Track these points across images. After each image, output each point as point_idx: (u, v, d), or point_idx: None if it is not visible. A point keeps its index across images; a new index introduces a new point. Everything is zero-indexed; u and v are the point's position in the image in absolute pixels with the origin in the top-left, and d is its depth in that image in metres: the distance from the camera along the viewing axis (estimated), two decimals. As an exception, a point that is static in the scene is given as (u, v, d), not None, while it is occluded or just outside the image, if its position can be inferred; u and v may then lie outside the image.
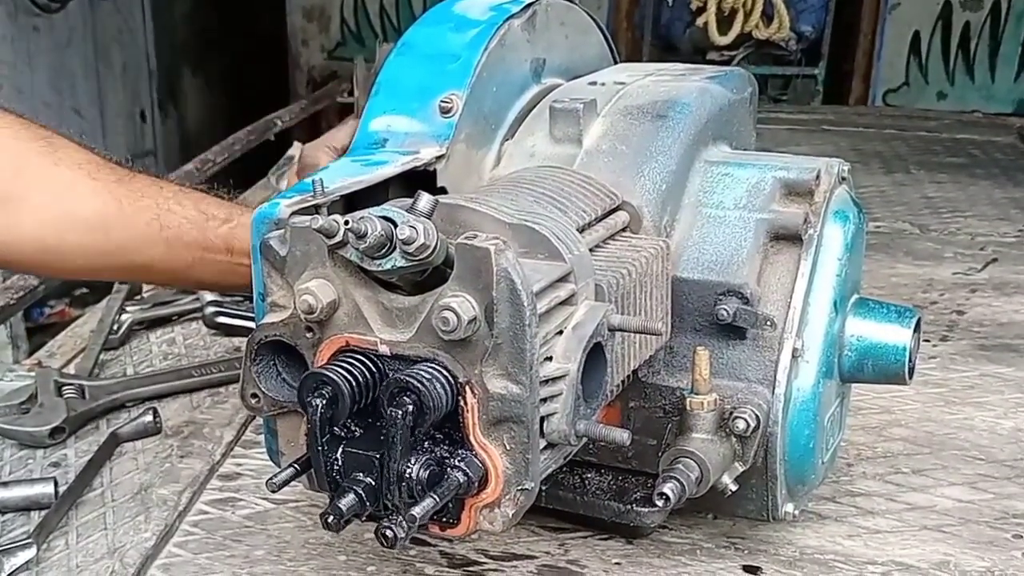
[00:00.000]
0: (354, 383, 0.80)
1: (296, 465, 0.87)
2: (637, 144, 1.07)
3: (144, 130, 6.07)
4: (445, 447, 0.82)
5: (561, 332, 0.84)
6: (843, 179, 1.12)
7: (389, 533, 0.78)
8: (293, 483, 0.88)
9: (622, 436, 0.84)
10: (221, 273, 1.24)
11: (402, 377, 0.78)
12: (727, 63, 4.81)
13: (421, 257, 0.77)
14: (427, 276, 0.81)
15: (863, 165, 2.78)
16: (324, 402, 0.79)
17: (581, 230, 0.95)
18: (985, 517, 1.23)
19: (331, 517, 0.81)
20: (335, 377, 0.79)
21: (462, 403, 0.80)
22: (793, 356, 1.03)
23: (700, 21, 5.15)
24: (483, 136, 1.12)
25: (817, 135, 3.16)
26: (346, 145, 1.23)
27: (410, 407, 0.77)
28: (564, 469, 1.07)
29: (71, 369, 1.62)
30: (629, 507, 1.05)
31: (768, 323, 1.02)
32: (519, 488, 0.82)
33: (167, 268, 1.22)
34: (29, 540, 1.15)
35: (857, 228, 1.10)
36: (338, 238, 0.78)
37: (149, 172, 1.28)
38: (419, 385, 0.77)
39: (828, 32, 5.34)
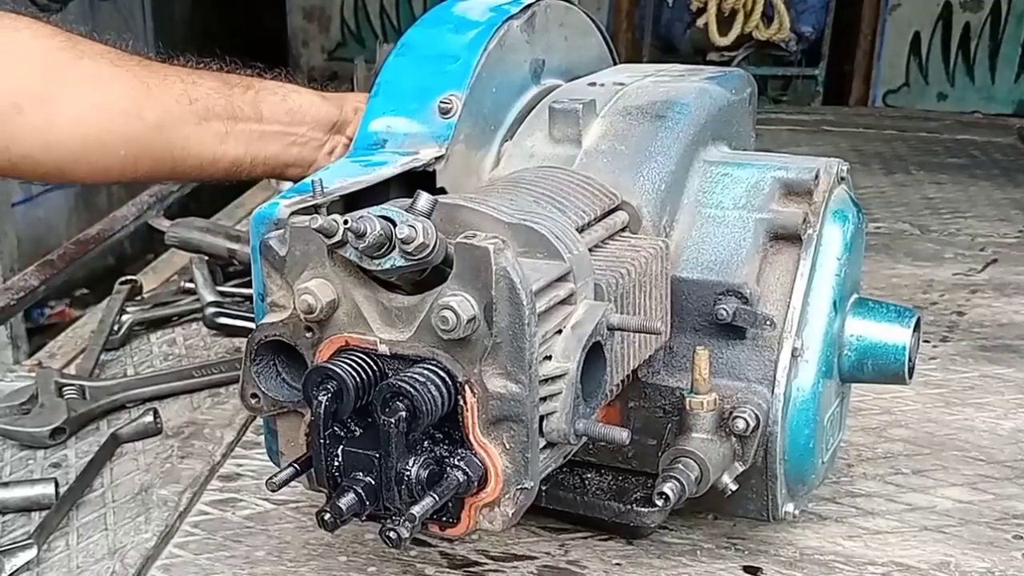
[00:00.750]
0: (359, 378, 0.80)
1: (296, 465, 0.87)
2: (636, 144, 1.07)
3: (144, 131, 6.06)
4: (445, 446, 0.82)
5: (560, 331, 0.84)
6: (842, 179, 1.12)
7: (393, 535, 0.79)
8: (293, 484, 0.88)
9: (622, 436, 0.84)
10: (255, 142, 1.21)
11: (395, 382, 0.78)
12: (727, 64, 4.81)
13: (420, 256, 0.77)
14: (426, 275, 0.81)
15: (863, 166, 2.78)
16: (329, 396, 0.79)
17: (580, 230, 0.95)
18: (985, 518, 1.23)
19: (328, 515, 0.81)
20: (340, 372, 0.79)
21: (461, 402, 0.80)
22: (793, 356, 1.03)
23: (700, 22, 5.15)
24: (482, 137, 1.12)
25: (817, 136, 3.16)
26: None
27: (403, 413, 0.77)
28: (564, 469, 1.08)
29: (72, 370, 1.62)
30: (629, 507, 1.05)
31: (767, 323, 1.02)
32: (519, 487, 0.82)
33: (203, 146, 1.19)
34: (30, 541, 1.16)
35: (856, 228, 1.10)
36: (337, 238, 0.78)
37: (164, 57, 1.26)
38: (411, 390, 0.77)
39: (828, 33, 5.35)
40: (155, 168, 1.19)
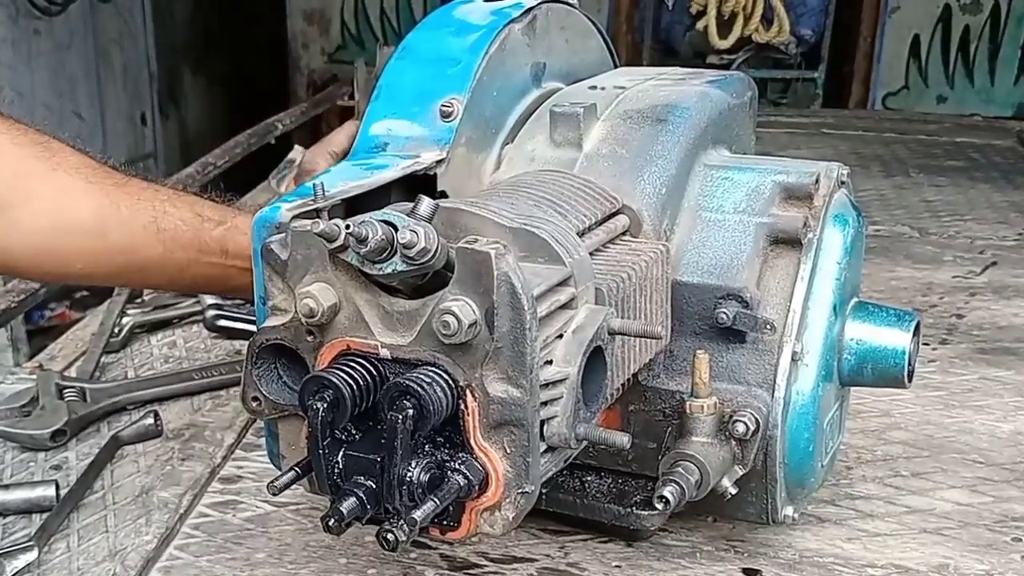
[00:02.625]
0: (355, 387, 0.80)
1: (297, 468, 0.87)
2: (637, 148, 1.07)
3: (144, 133, 6.08)
4: (446, 450, 0.82)
5: (561, 336, 0.84)
6: (842, 183, 1.12)
7: (390, 536, 0.79)
8: (294, 486, 0.88)
9: (622, 439, 0.85)
10: (215, 276, 1.25)
11: (402, 381, 0.78)
12: (727, 67, 4.82)
13: (422, 261, 0.77)
14: (428, 280, 0.81)
15: (863, 169, 2.78)
16: (325, 405, 0.79)
17: (581, 234, 0.95)
18: (984, 520, 1.23)
19: (332, 520, 0.81)
20: (336, 381, 0.80)
21: (463, 407, 0.80)
22: (792, 359, 1.03)
23: (700, 25, 5.15)
24: (483, 140, 1.12)
25: (817, 139, 3.16)
26: (346, 149, 1.23)
27: (410, 411, 0.77)
28: (564, 472, 1.08)
29: (72, 372, 1.62)
30: (629, 510, 1.06)
31: (767, 327, 1.02)
32: (519, 491, 0.82)
33: (163, 270, 1.22)
34: (30, 543, 1.16)
35: (856, 232, 1.10)
36: (339, 242, 0.78)
37: (144, 176, 1.28)
38: (419, 389, 0.77)
39: (828, 35, 5.35)
40: (110, 280, 1.22)
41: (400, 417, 0.77)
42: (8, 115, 1.18)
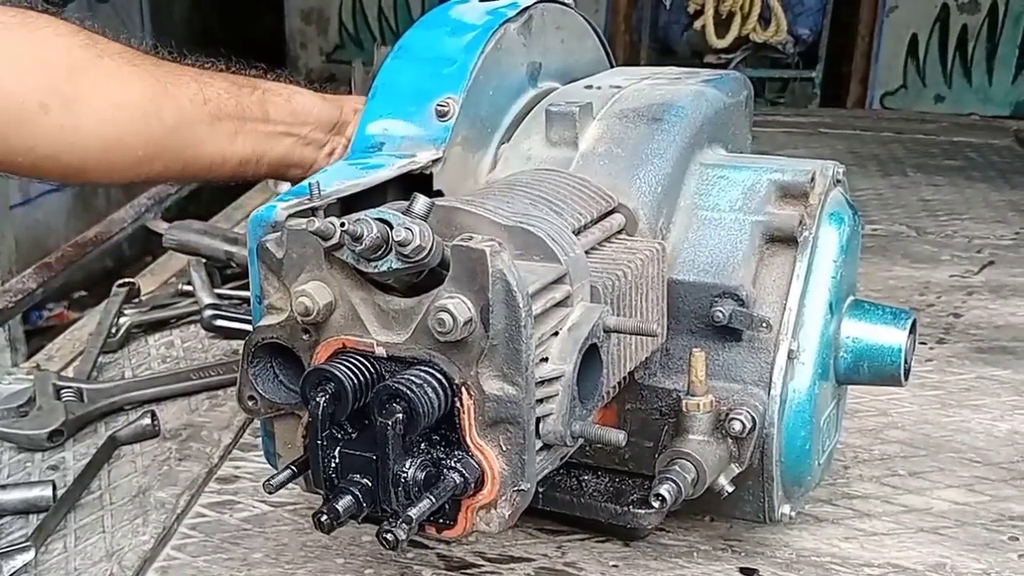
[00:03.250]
0: (356, 380, 0.80)
1: (293, 467, 0.87)
2: (633, 147, 1.07)
3: (143, 133, 6.07)
4: (441, 448, 0.82)
5: (557, 334, 0.84)
6: (838, 181, 1.12)
7: (391, 536, 0.79)
8: (290, 486, 0.88)
9: (618, 437, 0.85)
10: (263, 142, 1.22)
11: (391, 384, 0.78)
12: (725, 66, 4.82)
13: (417, 259, 0.77)
14: (423, 278, 0.81)
15: (860, 168, 2.78)
16: (327, 398, 0.79)
17: (577, 232, 0.95)
18: (981, 519, 1.23)
19: (325, 517, 0.81)
20: (339, 373, 0.80)
21: (458, 404, 0.80)
22: (789, 358, 1.03)
23: (697, 24, 5.15)
24: (479, 139, 1.12)
25: (814, 138, 3.16)
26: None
27: (400, 415, 0.77)
28: (561, 471, 1.08)
29: (69, 372, 1.62)
30: (626, 509, 1.06)
31: (764, 325, 1.02)
32: (515, 489, 0.82)
33: (214, 146, 1.20)
34: (27, 543, 1.16)
35: (852, 230, 1.10)
36: (334, 240, 0.78)
37: (174, 58, 1.27)
38: (409, 392, 0.77)
39: (825, 35, 5.35)
40: (167, 168, 1.19)
41: (390, 422, 0.77)
42: (42, 10, 1.16)
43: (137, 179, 1.21)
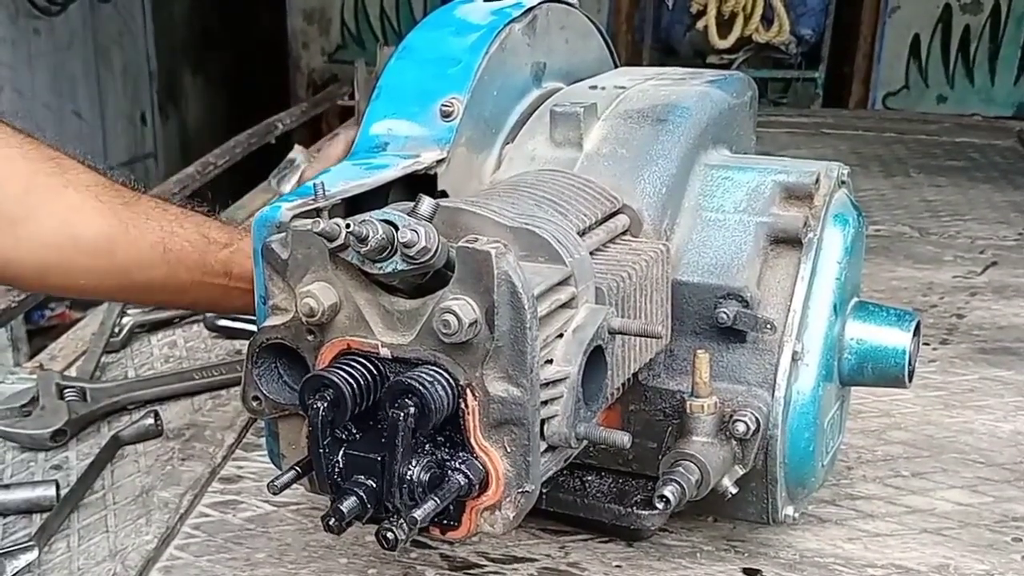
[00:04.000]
0: (355, 386, 0.80)
1: (297, 468, 0.87)
2: (637, 148, 1.07)
3: (144, 132, 6.08)
4: (446, 450, 0.82)
5: (562, 335, 0.84)
6: (843, 183, 1.12)
7: (390, 535, 0.79)
8: (294, 486, 0.88)
9: (622, 439, 0.85)
10: (218, 296, 1.25)
11: (404, 379, 0.78)
12: (727, 67, 4.82)
13: (422, 260, 0.77)
14: (428, 279, 0.81)
15: (863, 168, 2.78)
16: (326, 405, 0.79)
17: (581, 233, 0.95)
18: (985, 520, 1.23)
19: (332, 519, 0.81)
20: (336, 380, 0.80)
21: (463, 406, 0.80)
22: (793, 359, 1.03)
23: (700, 24, 5.15)
24: (484, 140, 1.12)
25: (817, 138, 3.16)
26: (342, 158, 1.23)
27: (412, 409, 0.77)
28: (564, 472, 1.08)
29: (72, 372, 1.62)
30: (629, 510, 1.06)
31: (768, 326, 1.02)
32: (520, 490, 0.82)
33: (166, 289, 1.23)
34: (31, 543, 1.16)
35: (857, 231, 1.10)
36: (339, 241, 0.78)
37: (154, 195, 1.29)
38: (421, 387, 0.77)
39: (828, 35, 5.35)
40: (112, 296, 1.24)
41: (402, 415, 0.77)
42: (20, 128, 1.19)
43: (81, 298, 1.25)
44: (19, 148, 1.15)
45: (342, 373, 0.80)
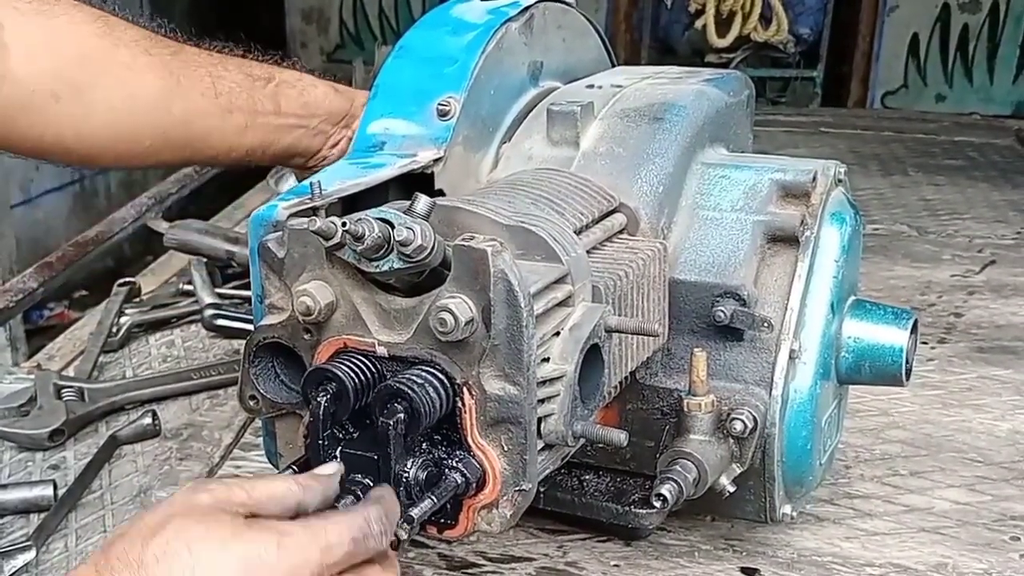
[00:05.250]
0: (358, 380, 0.80)
1: (294, 467, 0.87)
2: (634, 147, 1.07)
3: (143, 132, 6.06)
4: (443, 448, 0.82)
5: (558, 333, 0.84)
6: (839, 181, 1.12)
7: (392, 536, 0.79)
8: (291, 485, 0.88)
9: (619, 437, 0.85)
10: (271, 134, 1.22)
11: (393, 384, 0.78)
12: (725, 66, 4.81)
13: (418, 259, 0.77)
14: (424, 278, 0.81)
15: (861, 167, 2.78)
16: (328, 397, 0.79)
17: (578, 232, 0.95)
18: (983, 519, 1.23)
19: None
20: (340, 373, 0.80)
21: (459, 404, 0.80)
22: (790, 358, 1.03)
23: (698, 23, 5.14)
24: (481, 139, 1.12)
25: (815, 137, 3.16)
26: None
27: (401, 415, 0.77)
28: (562, 471, 1.08)
29: (70, 372, 1.62)
30: (627, 509, 1.06)
31: (765, 325, 1.02)
32: (517, 489, 0.82)
33: (224, 136, 1.20)
34: (28, 543, 1.16)
35: (854, 230, 1.10)
36: (336, 240, 0.78)
37: (194, 41, 1.26)
38: (410, 392, 0.77)
39: (826, 34, 5.34)
40: (174, 156, 1.20)
41: (391, 422, 0.77)
42: None
43: (142, 166, 1.22)
44: (66, 15, 1.12)
45: (345, 367, 0.80)
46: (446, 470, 0.81)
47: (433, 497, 0.80)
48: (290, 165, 1.28)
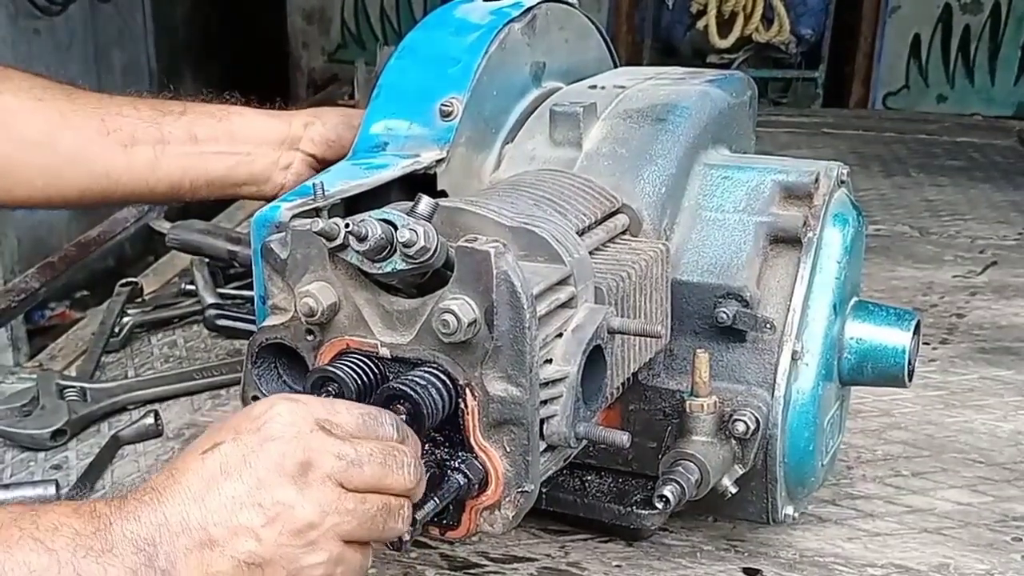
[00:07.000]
0: (360, 381, 0.80)
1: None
2: (637, 147, 1.07)
3: (145, 132, 6.06)
4: (445, 449, 0.82)
5: (561, 335, 0.84)
6: (842, 182, 1.12)
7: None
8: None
9: (622, 438, 0.85)
10: (192, 163, 1.21)
11: (396, 385, 0.78)
12: (727, 66, 4.81)
13: (421, 260, 0.77)
14: (427, 279, 0.81)
15: (863, 168, 2.78)
16: (331, 398, 0.79)
17: (581, 233, 0.95)
18: (985, 520, 1.23)
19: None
20: (342, 374, 0.80)
21: (462, 405, 0.80)
22: (792, 359, 1.03)
23: (700, 24, 5.14)
24: (483, 139, 1.12)
25: (817, 138, 3.16)
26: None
27: (404, 416, 0.78)
28: (564, 472, 1.08)
29: (72, 372, 1.62)
30: (629, 509, 1.06)
31: (767, 326, 1.02)
32: (519, 490, 0.82)
33: (132, 172, 1.20)
34: (30, 542, 1.15)
35: (856, 231, 1.10)
36: (339, 241, 0.78)
37: (124, 93, 1.27)
38: (413, 393, 0.77)
39: (828, 35, 5.34)
40: (83, 195, 1.21)
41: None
42: None
43: (53, 205, 1.25)
44: None
45: (347, 368, 0.81)
46: (449, 471, 0.81)
47: (436, 498, 0.80)
48: (246, 196, 1.26)
